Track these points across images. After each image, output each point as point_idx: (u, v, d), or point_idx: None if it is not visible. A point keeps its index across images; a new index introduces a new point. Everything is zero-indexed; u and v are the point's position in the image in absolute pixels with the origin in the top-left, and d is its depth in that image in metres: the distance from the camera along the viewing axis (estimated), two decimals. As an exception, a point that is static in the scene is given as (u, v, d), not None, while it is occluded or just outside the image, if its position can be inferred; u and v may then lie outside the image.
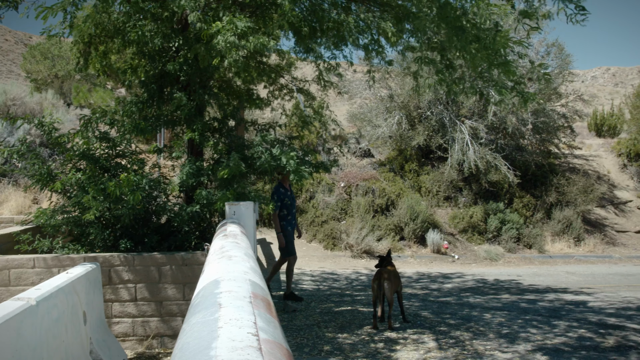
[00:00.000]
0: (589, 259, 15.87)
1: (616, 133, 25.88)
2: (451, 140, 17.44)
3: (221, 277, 1.57)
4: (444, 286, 10.97)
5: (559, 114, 18.88)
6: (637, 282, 11.97)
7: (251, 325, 1.12)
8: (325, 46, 9.11)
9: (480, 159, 16.68)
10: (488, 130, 17.52)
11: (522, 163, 18.01)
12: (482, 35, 5.81)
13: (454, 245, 15.87)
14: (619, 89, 45.15)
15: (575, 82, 31.84)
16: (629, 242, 17.95)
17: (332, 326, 7.20)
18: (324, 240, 15.34)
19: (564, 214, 17.24)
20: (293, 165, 7.42)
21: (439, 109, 17.78)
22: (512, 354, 5.92)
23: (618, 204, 19.81)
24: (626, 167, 21.75)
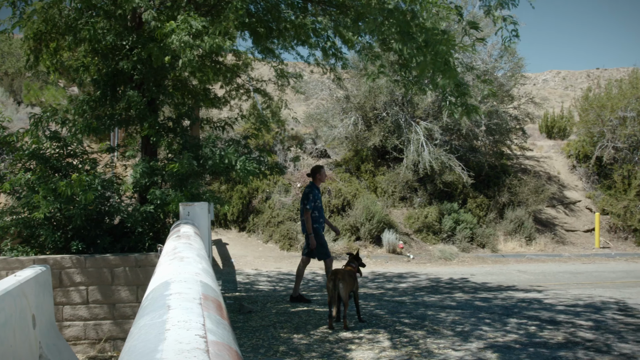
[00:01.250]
0: (539, 258, 16.24)
1: (566, 135, 26.53)
2: (407, 141, 17.63)
3: (172, 279, 1.56)
4: (400, 286, 11.08)
5: (511, 116, 19.28)
6: (586, 280, 12.30)
7: (200, 327, 1.11)
8: (282, 47, 9.10)
9: (435, 159, 16.90)
10: (443, 132, 17.76)
11: (475, 164, 18.32)
12: (431, 40, 5.89)
13: (409, 245, 16.04)
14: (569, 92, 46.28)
15: (527, 85, 32.49)
16: (578, 241, 18.43)
17: (288, 327, 7.19)
18: (280, 240, 15.33)
19: (516, 214, 17.61)
20: (240, 165, 7.39)
21: (394, 110, 17.94)
22: (464, 352, 6.01)
23: (567, 204, 20.32)
24: (575, 168, 22.33)
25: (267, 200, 16.66)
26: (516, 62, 18.96)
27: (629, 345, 6.44)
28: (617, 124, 20.13)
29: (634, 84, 20.58)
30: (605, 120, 20.37)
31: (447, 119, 17.30)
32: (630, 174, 19.44)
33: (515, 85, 19.05)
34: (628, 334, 7.05)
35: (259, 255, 14.54)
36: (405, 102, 17.93)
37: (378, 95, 17.89)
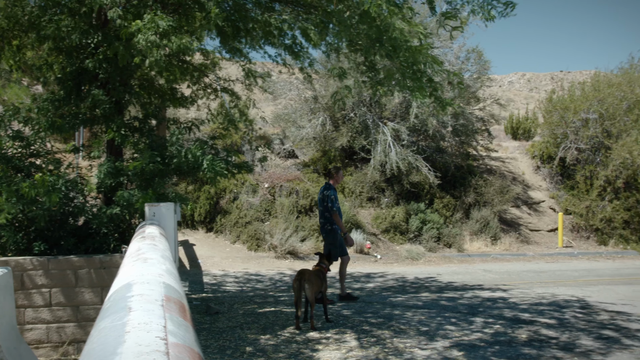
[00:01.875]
0: (504, 257, 16.47)
1: (531, 136, 26.94)
2: (374, 142, 17.71)
3: (134, 281, 1.54)
4: (367, 286, 11.12)
5: (477, 118, 19.52)
6: (549, 278, 12.51)
7: (160, 329, 1.10)
8: (250, 46, 9.07)
9: (402, 160, 17.01)
10: (410, 132, 17.88)
11: (442, 164, 18.49)
12: (399, 48, 5.93)
13: (377, 245, 16.12)
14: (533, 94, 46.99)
15: (493, 87, 32.97)
16: (542, 241, 18.74)
17: (255, 327, 7.17)
18: (248, 241, 15.27)
19: (482, 214, 17.84)
20: (208, 166, 7.34)
21: (362, 110, 18.02)
22: (430, 351, 6.07)
23: (532, 204, 20.65)
24: (539, 168, 22.70)
25: (234, 200, 16.59)
26: (482, 64, 19.20)
27: (590, 342, 6.57)
28: (579, 126, 20.52)
29: (595, 86, 21.01)
30: (568, 122, 20.75)
31: (414, 119, 17.43)
32: (592, 174, 19.84)
33: (481, 87, 19.30)
34: (589, 331, 7.19)
35: (226, 256, 14.46)
36: (372, 102, 18.03)
37: (346, 96, 17.93)
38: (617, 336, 6.94)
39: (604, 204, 19.11)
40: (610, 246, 18.83)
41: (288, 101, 20.34)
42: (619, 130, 19.57)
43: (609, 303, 9.31)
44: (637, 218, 19.03)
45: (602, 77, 21.97)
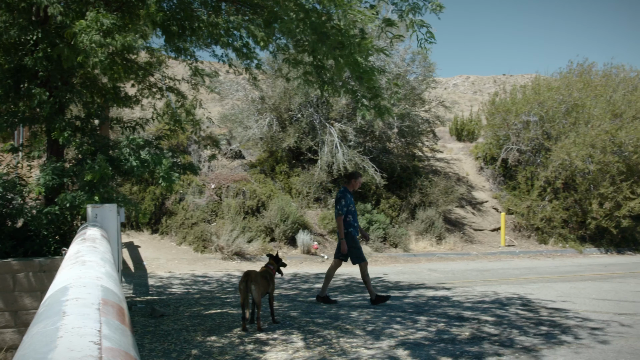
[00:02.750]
0: (449, 257, 16.76)
1: (475, 138, 27.51)
2: (321, 143, 17.78)
3: (70, 284, 1.51)
4: (314, 286, 11.15)
5: (422, 119, 19.81)
6: (492, 277, 12.80)
7: (95, 333, 1.08)
8: (196, 45, 8.97)
9: (349, 161, 17.13)
10: (357, 133, 18.02)
11: (388, 165, 18.69)
12: (347, 42, 5.96)
13: (324, 245, 16.18)
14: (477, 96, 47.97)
15: (438, 89, 33.54)
16: (485, 240, 19.16)
17: (201, 330, 7.10)
18: (194, 242, 15.10)
19: (427, 214, 18.12)
20: (164, 170, 7.24)
21: (309, 111, 18.06)
22: (376, 350, 6.12)
23: (476, 204, 21.09)
24: (483, 169, 23.22)
25: (180, 201, 16.38)
26: (427, 66, 19.50)
27: (530, 339, 6.75)
28: (521, 128, 21.07)
29: (536, 90, 21.61)
30: (510, 124, 21.28)
31: (361, 120, 17.58)
32: (533, 175, 20.40)
33: (426, 89, 19.60)
34: (529, 328, 7.39)
35: (172, 257, 14.27)
36: (319, 103, 18.09)
37: (293, 96, 17.96)
38: (555, 332, 7.15)
39: (544, 204, 19.67)
40: (550, 245, 19.40)
41: (235, 102, 20.25)
42: (558, 133, 20.17)
43: (548, 300, 9.59)
44: (575, 217, 19.67)
45: (543, 81, 22.62)
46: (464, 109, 34.39)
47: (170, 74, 10.72)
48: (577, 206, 19.64)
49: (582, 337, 6.87)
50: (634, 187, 18.99)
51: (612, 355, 6.05)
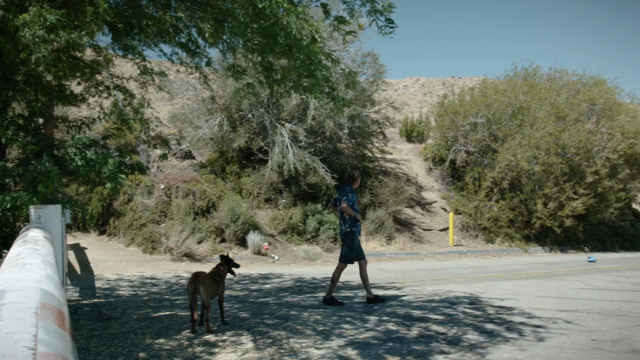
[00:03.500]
0: (399, 256, 16.95)
1: (424, 139, 27.90)
2: (272, 143, 17.74)
3: (8, 288, 1.46)
4: (264, 287, 11.12)
5: (373, 120, 19.97)
6: (440, 276, 13.00)
7: (30, 338, 1.05)
8: (145, 44, 8.83)
9: (300, 161, 17.14)
10: (307, 134, 18.05)
11: (339, 166, 18.79)
12: (295, 46, 5.96)
13: (274, 246, 16.15)
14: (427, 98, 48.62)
15: (389, 90, 33.86)
16: (434, 240, 19.44)
17: (150, 332, 6.99)
18: (143, 243, 14.87)
19: (377, 214, 18.28)
20: (111, 171, 7.10)
21: (260, 111, 17.99)
22: (326, 350, 6.15)
23: (425, 205, 21.37)
24: (432, 170, 23.56)
25: (129, 202, 16.10)
26: (378, 68, 19.67)
27: (476, 336, 6.89)
28: (468, 130, 21.47)
29: (483, 92, 22.05)
30: (458, 125, 21.66)
31: (312, 121, 17.61)
32: (480, 176, 20.80)
33: (376, 90, 19.76)
34: (476, 325, 7.54)
35: (120, 259, 14.02)
36: (270, 104, 18.04)
37: (242, 98, 17.84)
38: (500, 329, 7.32)
39: (491, 204, 20.08)
40: (497, 244, 19.82)
41: (185, 101, 20.02)
42: (505, 134, 20.62)
43: (494, 298, 9.80)
44: (521, 217, 20.15)
45: (490, 84, 23.09)
46: (413, 111, 34.82)
47: (118, 72, 10.51)
48: (522, 206, 20.12)
49: (526, 334, 7.05)
50: (576, 187, 19.56)
51: (554, 351, 6.22)
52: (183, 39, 7.83)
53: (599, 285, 11.70)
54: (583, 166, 19.81)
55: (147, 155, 18.36)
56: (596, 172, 19.74)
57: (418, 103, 45.58)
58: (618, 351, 6.31)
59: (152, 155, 18.39)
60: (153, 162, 18.02)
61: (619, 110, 22.64)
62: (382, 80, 20.02)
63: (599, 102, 22.38)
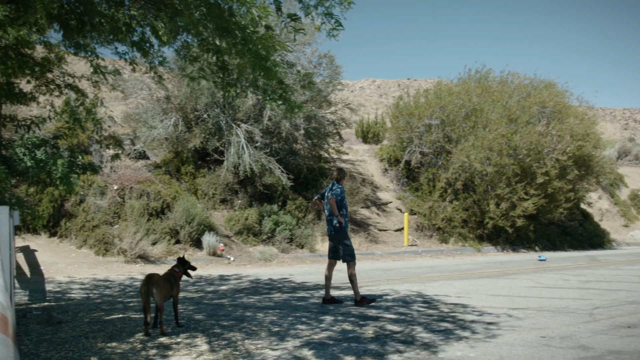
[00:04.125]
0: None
1: (380, 140, 28.13)
2: (227, 144, 17.63)
3: (-49, 292, 1.42)
4: (220, 288, 11.04)
5: (329, 121, 20.02)
6: (395, 276, 13.12)
7: (-33, 343, 1.02)
8: (97, 42, 8.66)
9: (256, 162, 17.08)
10: (263, 135, 18.00)
11: (295, 166, 18.79)
12: (248, 38, 5.94)
13: (230, 247, 16.06)
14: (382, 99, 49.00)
15: (345, 91, 34.02)
16: (389, 240, 19.61)
17: (102, 336, 6.87)
18: (96, 245, 14.59)
19: (333, 215, 18.32)
20: (62, 171, 6.95)
21: (215, 112, 17.86)
22: (281, 351, 6.14)
23: (380, 205, 21.54)
24: (387, 171, 23.76)
25: (81, 203, 15.77)
26: (334, 69, 19.73)
27: (430, 335, 6.98)
28: (423, 131, 21.73)
29: (438, 94, 22.35)
30: (413, 127, 21.90)
31: (268, 122, 17.57)
32: (434, 177, 21.09)
33: (332, 91, 19.82)
34: (430, 324, 7.64)
35: (72, 261, 13.73)
36: (226, 104, 17.93)
37: (199, 96, 17.70)
38: (453, 327, 7.43)
39: (445, 205, 20.37)
40: (451, 244, 20.12)
41: (140, 101, 19.71)
42: (458, 136, 20.95)
43: (448, 297, 9.95)
44: (474, 217, 20.50)
45: (444, 86, 23.43)
46: (369, 112, 35.06)
47: (70, 70, 10.29)
48: (475, 206, 20.47)
49: (478, 332, 7.18)
50: (527, 188, 20.00)
51: (505, 348, 6.35)
52: (137, 37, 7.70)
53: (549, 284, 11.99)
54: (534, 167, 20.27)
55: (100, 156, 18.03)
56: (546, 173, 20.23)
57: (374, 104, 45.92)
58: (566, 347, 6.48)
59: (105, 155, 18.07)
60: (106, 162, 17.71)
61: (568, 113, 23.25)
62: (338, 81, 20.09)
63: (549, 105, 22.94)
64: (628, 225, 30.42)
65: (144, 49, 7.86)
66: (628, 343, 6.74)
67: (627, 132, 73.70)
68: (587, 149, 22.44)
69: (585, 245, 24.04)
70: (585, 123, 23.14)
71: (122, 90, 19.51)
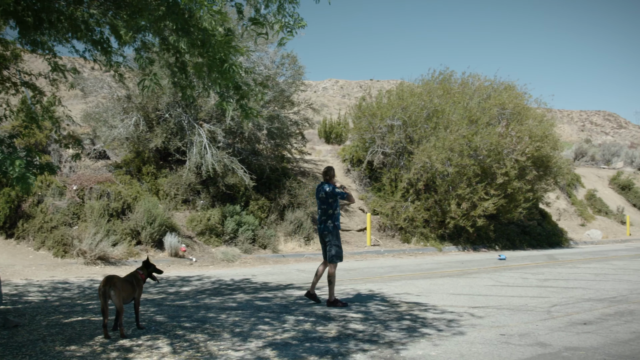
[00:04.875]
0: (317, 257, 17.05)
1: (342, 140, 28.23)
2: (189, 144, 17.48)
3: None
4: (182, 289, 10.94)
5: (292, 121, 20.00)
6: (358, 276, 13.18)
7: None
8: (55, 39, 8.50)
9: (218, 162, 16.97)
10: (226, 134, 17.90)
11: (257, 167, 18.72)
12: (207, 41, 5.89)
13: (192, 248, 15.92)
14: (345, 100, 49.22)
15: (308, 91, 34.06)
16: (352, 240, 19.68)
17: (60, 339, 6.74)
18: (54, 247, 14.31)
19: (296, 215, 18.35)
20: (19, 171, 6.78)
21: (177, 111, 17.69)
22: (244, 352, 6.12)
23: (343, 205, 21.60)
24: (350, 171, 23.85)
25: (39, 203, 15.44)
26: (297, 69, 19.71)
27: (393, 334, 7.04)
28: (386, 132, 21.87)
29: (400, 95, 22.52)
30: (375, 127, 22.03)
31: (230, 122, 17.47)
32: (396, 177, 21.24)
33: (295, 91, 19.80)
34: (392, 323, 7.70)
35: (29, 263, 13.43)
36: (188, 104, 17.76)
37: (161, 96, 17.51)
38: (415, 326, 7.51)
39: (407, 205, 20.54)
40: (413, 244, 20.30)
41: (100, 100, 19.38)
42: (420, 137, 21.14)
43: (410, 296, 10.04)
44: (436, 217, 20.72)
45: (406, 87, 23.61)
46: (332, 112, 35.17)
47: (27, 68, 10.07)
48: (437, 207, 20.69)
49: (439, 330, 7.27)
50: (487, 188, 20.30)
51: (465, 346, 6.44)
52: (96, 36, 7.58)
53: (508, 282, 12.19)
54: (494, 168, 20.58)
55: (58, 155, 17.69)
56: (506, 174, 20.56)
57: (337, 105, 46.09)
58: (525, 344, 6.60)
59: (64, 155, 17.74)
60: (65, 162, 17.39)
61: (527, 114, 23.66)
62: (301, 81, 20.07)
63: (509, 107, 23.32)
64: (584, 224, 31.11)
65: (104, 48, 7.74)
66: (584, 339, 6.91)
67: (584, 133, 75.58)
68: (545, 150, 22.87)
69: (543, 244, 24.51)
70: (543, 125, 23.57)
71: (82, 89, 19.16)
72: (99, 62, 8.78)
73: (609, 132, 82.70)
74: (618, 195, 37.69)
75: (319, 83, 56.06)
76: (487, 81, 25.51)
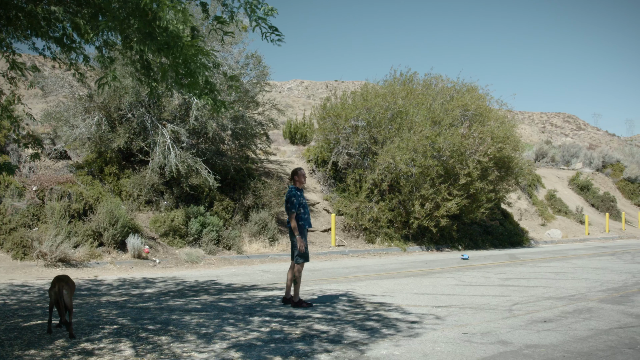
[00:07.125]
0: (282, 257, 17.03)
1: (307, 141, 28.24)
2: (153, 144, 17.30)
3: None
4: (145, 291, 10.81)
5: (256, 122, 19.92)
6: (323, 276, 13.20)
7: None
8: (14, 37, 8.32)
9: (182, 162, 16.83)
10: (189, 135, 17.75)
11: (222, 167, 18.62)
12: (172, 43, 5.84)
13: (155, 249, 15.75)
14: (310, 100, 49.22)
15: (273, 92, 33.98)
16: (317, 240, 19.70)
17: (19, 343, 6.60)
18: (13, 249, 14.00)
19: (260, 216, 18.29)
20: None
21: (140, 111, 17.47)
22: (208, 354, 6.08)
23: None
24: (315, 172, 23.88)
25: (-4, 205, 15.09)
26: (262, 69, 19.64)
27: (357, 334, 7.07)
28: (350, 132, 21.96)
29: (364, 96, 22.63)
30: (340, 128, 22.10)
31: (194, 122, 17.33)
32: (361, 177, 21.34)
33: (260, 91, 19.73)
34: (356, 323, 7.74)
35: (-15, 266, 13.13)
36: (151, 103, 17.57)
37: (123, 95, 17.28)
38: (379, 326, 7.56)
39: (371, 205, 20.64)
40: (377, 244, 20.42)
41: (61, 99, 19.02)
42: (384, 137, 21.28)
43: (374, 296, 10.10)
44: (400, 217, 20.87)
45: (371, 88, 23.74)
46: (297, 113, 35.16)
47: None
48: (401, 207, 20.85)
49: (403, 330, 7.33)
50: (450, 189, 20.52)
51: (429, 345, 6.51)
52: (57, 33, 7.44)
53: (471, 282, 12.36)
54: (457, 168, 20.82)
55: (17, 155, 17.32)
56: (469, 174, 20.82)
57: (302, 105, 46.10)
58: (487, 342, 6.70)
59: (23, 155, 17.37)
60: (24, 162, 17.03)
61: (489, 116, 24.02)
62: (266, 82, 20.01)
63: (471, 108, 23.63)
64: (545, 224, 31.71)
65: (65, 45, 7.61)
66: (544, 337, 7.04)
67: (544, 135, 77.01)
68: (507, 151, 23.24)
69: (505, 243, 24.90)
70: (505, 126, 23.94)
71: (42, 88, 18.79)
72: (59, 60, 8.63)
73: (568, 134, 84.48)
74: (577, 196, 38.54)
75: (284, 83, 56.04)
76: (450, 82, 25.81)
